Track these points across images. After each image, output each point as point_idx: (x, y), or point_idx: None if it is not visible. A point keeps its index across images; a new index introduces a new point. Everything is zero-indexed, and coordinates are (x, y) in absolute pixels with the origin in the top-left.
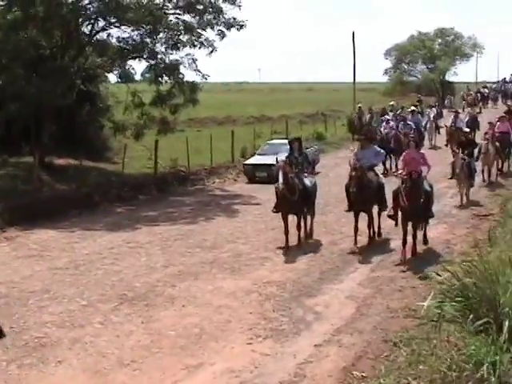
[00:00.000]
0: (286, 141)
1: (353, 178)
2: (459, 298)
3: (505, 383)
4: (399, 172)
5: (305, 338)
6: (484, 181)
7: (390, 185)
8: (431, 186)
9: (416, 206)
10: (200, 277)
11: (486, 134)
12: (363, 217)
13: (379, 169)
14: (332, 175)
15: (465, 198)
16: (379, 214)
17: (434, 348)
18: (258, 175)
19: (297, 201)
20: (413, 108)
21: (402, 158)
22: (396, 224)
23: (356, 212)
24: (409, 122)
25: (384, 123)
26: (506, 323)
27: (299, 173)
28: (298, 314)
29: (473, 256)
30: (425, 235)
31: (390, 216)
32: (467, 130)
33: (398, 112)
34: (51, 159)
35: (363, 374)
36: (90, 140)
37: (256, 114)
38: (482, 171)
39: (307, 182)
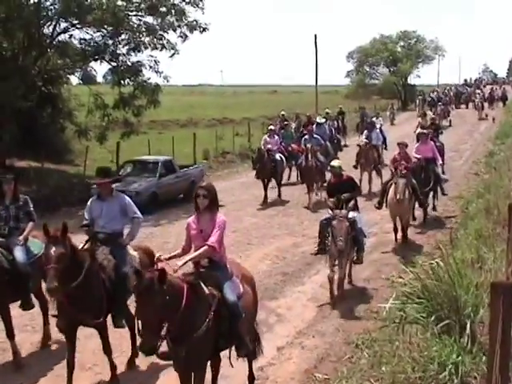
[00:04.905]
0: (154, 158)
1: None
2: (421, 300)
3: None
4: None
5: (267, 340)
6: (396, 241)
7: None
8: (239, 292)
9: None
10: None
11: (394, 161)
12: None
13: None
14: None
15: (336, 285)
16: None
17: (396, 349)
18: None
19: None
20: (318, 120)
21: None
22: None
23: (66, 331)
24: (315, 136)
25: (266, 136)
26: (468, 324)
27: (10, 236)
28: (261, 317)
29: (435, 258)
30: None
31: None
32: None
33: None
34: (12, 161)
35: (326, 376)
36: (52, 142)
37: (218, 117)
38: (395, 228)
39: (20, 254)
